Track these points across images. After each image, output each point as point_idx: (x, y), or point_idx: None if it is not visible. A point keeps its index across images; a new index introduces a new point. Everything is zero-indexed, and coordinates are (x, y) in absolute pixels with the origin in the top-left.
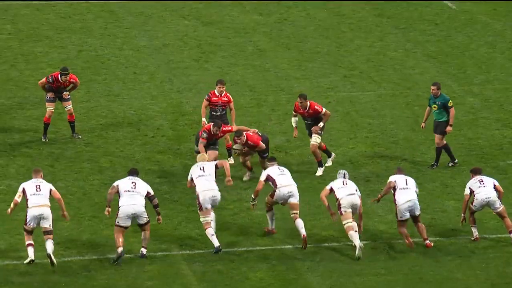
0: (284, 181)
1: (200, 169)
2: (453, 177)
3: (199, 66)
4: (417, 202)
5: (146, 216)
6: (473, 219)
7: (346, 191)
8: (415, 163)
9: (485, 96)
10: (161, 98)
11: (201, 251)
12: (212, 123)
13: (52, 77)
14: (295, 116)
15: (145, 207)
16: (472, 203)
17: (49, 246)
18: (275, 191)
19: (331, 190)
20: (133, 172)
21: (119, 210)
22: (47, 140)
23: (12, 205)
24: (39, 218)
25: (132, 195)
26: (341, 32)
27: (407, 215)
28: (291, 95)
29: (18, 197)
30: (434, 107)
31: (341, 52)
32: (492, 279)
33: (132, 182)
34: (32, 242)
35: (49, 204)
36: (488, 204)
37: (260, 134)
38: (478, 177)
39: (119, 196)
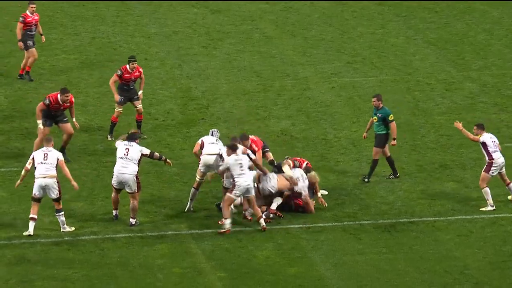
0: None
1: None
2: (452, 159)
3: (208, 52)
4: None
5: (135, 187)
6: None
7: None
8: (415, 145)
9: (483, 82)
10: (171, 83)
11: (209, 231)
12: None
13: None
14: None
15: (136, 175)
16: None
17: (60, 222)
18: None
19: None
20: (131, 137)
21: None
22: (112, 139)
23: (23, 171)
24: (44, 189)
25: (124, 163)
26: (344, 19)
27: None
28: (296, 81)
29: (28, 164)
30: (375, 119)
31: (344, 39)
32: (489, 257)
33: (126, 148)
34: (35, 216)
35: (54, 174)
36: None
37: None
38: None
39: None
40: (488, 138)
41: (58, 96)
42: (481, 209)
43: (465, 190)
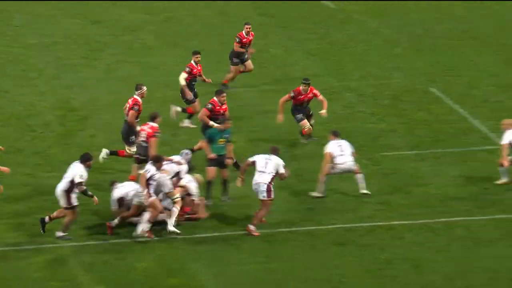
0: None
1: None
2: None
3: (88, 63)
4: None
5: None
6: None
7: None
8: (295, 155)
9: (361, 91)
10: (49, 94)
11: (89, 243)
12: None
13: None
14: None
15: (66, 191)
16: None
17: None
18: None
19: None
20: (82, 159)
21: None
22: None
23: None
24: None
25: (63, 179)
26: (226, 30)
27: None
28: (177, 91)
29: None
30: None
31: (225, 49)
32: (366, 265)
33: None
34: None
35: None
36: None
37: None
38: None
39: None
40: (333, 144)
41: None
42: (311, 193)
43: (344, 199)
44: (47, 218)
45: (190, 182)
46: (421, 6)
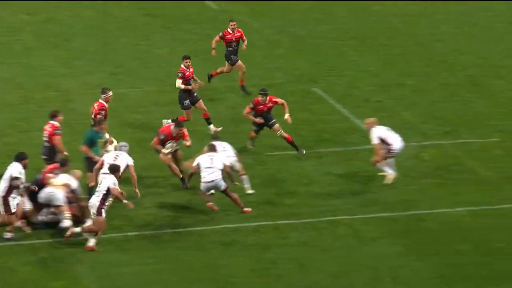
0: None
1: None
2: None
3: None
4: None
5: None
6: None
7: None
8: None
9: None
10: None
11: None
12: None
13: None
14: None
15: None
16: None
17: None
18: None
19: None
20: (17, 157)
21: None
22: None
23: None
24: None
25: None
26: (108, 31)
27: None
28: (59, 92)
29: None
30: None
31: (107, 50)
32: (252, 264)
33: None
34: None
35: None
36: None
37: None
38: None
39: None
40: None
41: None
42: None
43: (227, 199)
44: None
45: (69, 179)
46: (302, 7)
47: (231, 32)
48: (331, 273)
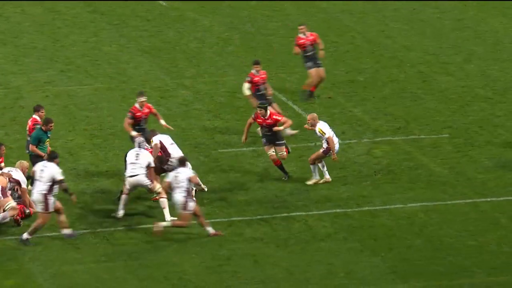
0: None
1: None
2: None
3: None
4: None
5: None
6: None
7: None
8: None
9: (197, 89)
10: None
11: None
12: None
13: None
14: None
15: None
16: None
17: None
18: None
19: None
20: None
21: None
22: None
23: None
24: None
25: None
26: (57, 28)
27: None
28: (8, 90)
29: None
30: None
31: (56, 47)
32: (206, 261)
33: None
34: None
35: None
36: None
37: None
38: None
39: None
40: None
41: None
42: None
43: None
44: None
45: (14, 171)
46: (251, 4)
47: (303, 36)
48: (286, 269)
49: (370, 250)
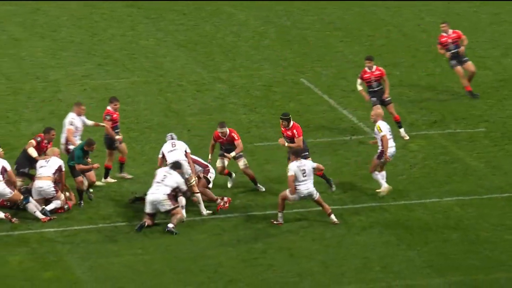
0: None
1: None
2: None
3: None
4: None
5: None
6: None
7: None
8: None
9: (232, 83)
10: None
11: None
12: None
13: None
14: None
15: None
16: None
17: None
18: None
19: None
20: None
21: None
22: None
23: None
24: None
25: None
26: (94, 22)
27: None
28: (47, 83)
29: None
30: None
31: (94, 41)
32: (242, 254)
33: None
34: None
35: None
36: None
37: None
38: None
39: None
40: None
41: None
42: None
43: (217, 191)
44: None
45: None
46: None
47: (446, 34)
48: (322, 262)
49: (406, 244)
